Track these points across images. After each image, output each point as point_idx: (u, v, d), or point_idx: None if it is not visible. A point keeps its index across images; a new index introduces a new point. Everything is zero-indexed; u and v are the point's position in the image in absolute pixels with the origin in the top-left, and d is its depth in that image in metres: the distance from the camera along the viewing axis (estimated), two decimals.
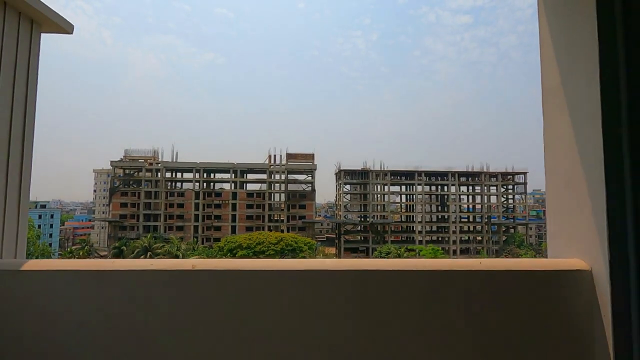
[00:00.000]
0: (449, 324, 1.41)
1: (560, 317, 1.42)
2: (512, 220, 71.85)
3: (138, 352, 1.38)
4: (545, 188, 1.70)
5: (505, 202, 73.06)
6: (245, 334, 1.40)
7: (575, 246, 1.48)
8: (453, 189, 71.99)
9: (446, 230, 70.44)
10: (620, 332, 1.28)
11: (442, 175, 72.99)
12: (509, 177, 71.68)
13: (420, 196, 72.15)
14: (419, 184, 72.01)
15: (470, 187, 73.13)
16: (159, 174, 68.69)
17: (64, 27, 1.95)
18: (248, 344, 1.40)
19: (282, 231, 62.94)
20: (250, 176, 72.17)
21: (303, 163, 70.60)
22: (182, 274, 1.44)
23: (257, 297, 1.42)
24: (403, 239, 70.36)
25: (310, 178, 70.61)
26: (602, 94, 1.34)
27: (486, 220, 70.85)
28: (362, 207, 72.32)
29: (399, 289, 1.40)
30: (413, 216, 72.37)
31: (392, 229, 71.14)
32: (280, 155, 70.36)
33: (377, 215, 71.14)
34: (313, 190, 70.16)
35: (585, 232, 1.42)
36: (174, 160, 70.60)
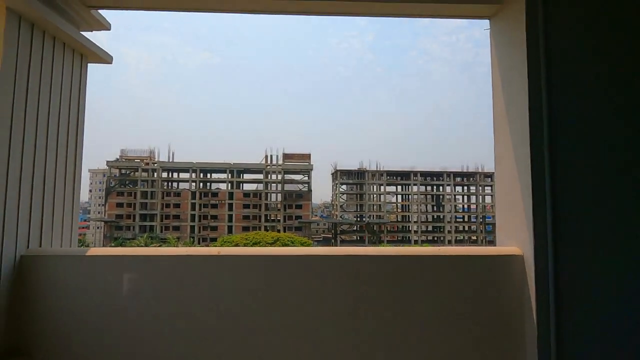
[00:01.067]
0: (414, 297, 1.85)
1: (500, 291, 1.87)
2: None
3: (178, 317, 1.80)
4: (495, 192, 2.14)
5: None
6: (261, 303, 1.83)
7: (514, 237, 1.93)
8: (448, 189, 72.67)
9: (441, 229, 71.15)
10: (541, 300, 1.73)
11: (438, 175, 73.69)
12: None
13: (415, 196, 72.73)
14: (414, 184, 72.63)
15: (465, 187, 73.90)
16: (155, 174, 68.58)
17: (105, 58, 2.36)
18: (262, 311, 1.83)
19: (279, 231, 63.14)
20: (246, 176, 72.27)
21: (299, 163, 70.91)
22: (210, 258, 1.87)
23: (267, 275, 1.85)
24: (399, 238, 70.95)
25: (306, 178, 70.93)
26: (530, 125, 1.79)
27: (481, 220, 71.68)
28: (358, 207, 72.77)
29: (375, 269, 1.84)
30: (409, 216, 72.98)
31: (388, 228, 71.70)
32: (277, 156, 70.62)
33: (373, 215, 71.67)
34: (309, 190, 70.46)
35: (519, 227, 1.87)
36: (171, 160, 70.50)
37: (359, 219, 71.73)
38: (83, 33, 2.25)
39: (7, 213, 1.72)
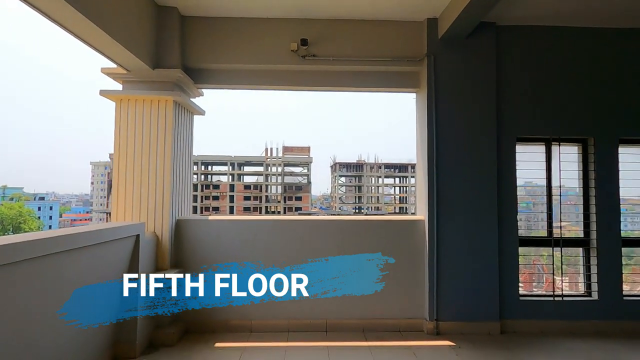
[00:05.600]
0: (368, 242, 3.68)
1: (413, 238, 3.70)
2: None
3: (258, 253, 3.62)
4: (416, 188, 3.97)
5: None
6: (296, 246, 3.65)
7: (422, 210, 3.76)
8: None
9: None
10: (430, 245, 3.57)
11: None
12: None
13: (413, 188, 74.55)
14: (412, 176, 74.38)
15: None
16: None
17: (200, 112, 4.14)
18: (296, 246, 3.65)
19: None
20: (247, 169, 73.77)
21: (299, 156, 72.47)
22: (270, 221, 3.69)
23: (294, 230, 3.67)
24: None
25: (306, 170, 72.55)
26: (428, 156, 3.59)
27: None
28: (357, 199, 74.64)
29: (350, 228, 3.68)
30: (406, 207, 74.96)
31: None
32: (277, 148, 72.11)
33: (371, 207, 73.62)
34: (309, 182, 72.15)
35: (424, 205, 3.70)
36: None
37: (357, 211, 73.76)
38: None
39: (174, 201, 3.55)
